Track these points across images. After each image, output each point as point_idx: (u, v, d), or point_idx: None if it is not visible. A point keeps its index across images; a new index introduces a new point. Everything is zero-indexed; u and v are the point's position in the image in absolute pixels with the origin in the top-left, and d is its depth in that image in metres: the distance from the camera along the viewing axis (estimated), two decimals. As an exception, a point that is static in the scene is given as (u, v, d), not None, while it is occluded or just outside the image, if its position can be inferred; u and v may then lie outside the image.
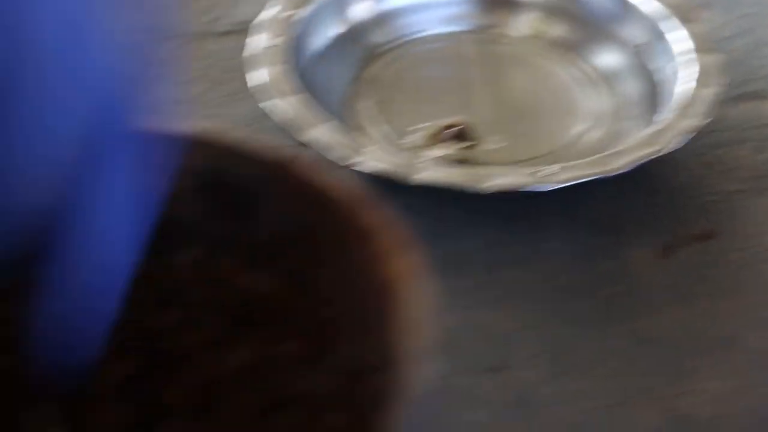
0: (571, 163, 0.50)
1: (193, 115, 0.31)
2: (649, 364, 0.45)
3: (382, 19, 0.64)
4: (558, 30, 0.64)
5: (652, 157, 0.50)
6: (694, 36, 0.58)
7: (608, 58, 0.62)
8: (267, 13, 0.59)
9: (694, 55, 0.56)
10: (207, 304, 0.33)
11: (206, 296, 0.33)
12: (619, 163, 0.50)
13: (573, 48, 0.63)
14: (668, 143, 0.51)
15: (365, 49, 0.63)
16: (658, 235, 0.52)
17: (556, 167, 0.50)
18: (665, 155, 0.52)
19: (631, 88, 0.59)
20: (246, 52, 0.57)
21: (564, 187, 0.50)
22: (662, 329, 0.47)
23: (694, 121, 0.52)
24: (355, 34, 0.63)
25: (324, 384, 0.30)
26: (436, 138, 0.55)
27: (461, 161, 0.53)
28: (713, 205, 0.53)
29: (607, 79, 0.61)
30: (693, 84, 0.55)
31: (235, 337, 0.32)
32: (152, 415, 0.31)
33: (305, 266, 0.31)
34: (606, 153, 0.51)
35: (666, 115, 0.54)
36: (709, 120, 0.53)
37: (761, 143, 0.57)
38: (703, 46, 0.57)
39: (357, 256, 0.28)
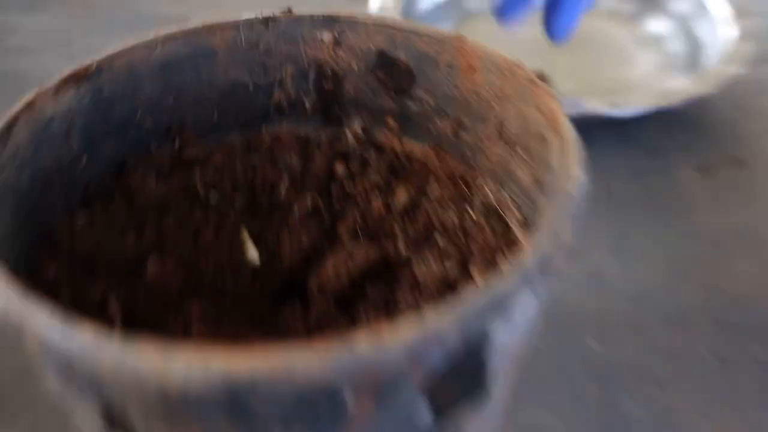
0: (635, 97, 0.50)
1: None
2: (695, 253, 0.46)
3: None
4: (617, 3, 0.64)
5: (700, 94, 0.50)
6: (733, 4, 0.57)
7: (659, 25, 0.61)
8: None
9: (732, 21, 0.56)
10: (371, 161, 0.33)
11: (370, 155, 0.33)
12: (673, 99, 0.50)
13: (629, 18, 0.63)
14: (712, 86, 0.51)
15: (462, 12, 0.63)
16: (700, 160, 0.52)
17: (623, 99, 0.50)
18: (705, 98, 0.52)
19: (678, 48, 0.59)
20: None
21: (620, 119, 0.50)
22: (704, 228, 0.47)
23: (731, 73, 0.52)
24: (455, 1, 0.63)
25: (472, 216, 0.30)
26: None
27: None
28: (744, 139, 0.53)
29: (658, 41, 0.60)
30: (731, 44, 0.54)
31: (394, 184, 0.32)
32: (327, 242, 0.32)
33: (456, 128, 0.32)
34: (662, 90, 0.51)
35: (709, 67, 0.54)
36: (743, 72, 0.52)
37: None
38: (741, 13, 0.56)
39: (520, 106, 0.29)
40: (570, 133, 0.26)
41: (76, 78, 0.29)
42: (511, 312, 0.22)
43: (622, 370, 0.39)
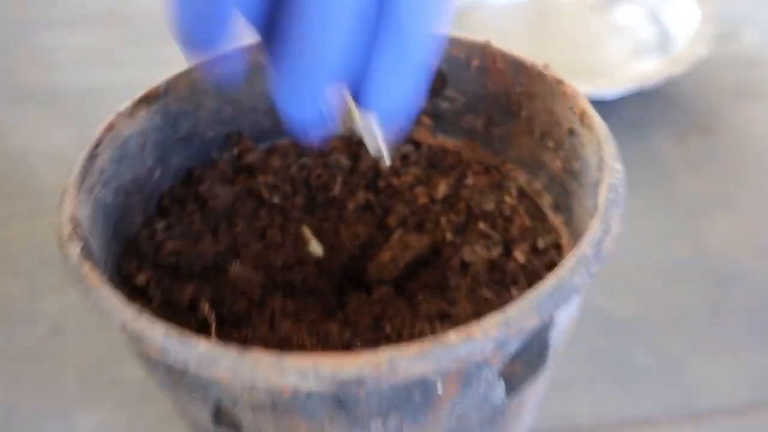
0: (616, 79, 0.49)
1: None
2: (678, 212, 0.45)
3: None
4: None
5: (673, 75, 0.49)
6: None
7: (629, 14, 0.60)
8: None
9: (696, 6, 0.54)
10: (411, 156, 0.32)
11: (410, 151, 0.32)
12: (651, 80, 0.49)
13: (602, 8, 0.61)
14: (683, 67, 0.50)
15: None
16: (675, 130, 0.51)
17: (606, 81, 0.48)
18: (675, 77, 0.50)
19: (648, 33, 0.57)
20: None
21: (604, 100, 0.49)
22: (684, 190, 0.46)
23: (699, 53, 0.51)
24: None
25: (507, 202, 0.29)
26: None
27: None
28: (710, 109, 0.52)
29: (631, 28, 0.59)
30: (696, 27, 0.53)
31: (433, 177, 0.31)
32: (380, 233, 0.31)
33: (487, 124, 0.31)
34: (639, 73, 0.50)
35: (678, 49, 0.52)
36: (709, 52, 0.51)
37: (739, 71, 0.56)
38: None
39: (548, 103, 0.27)
40: (602, 128, 0.25)
41: (148, 99, 0.28)
42: (572, 296, 0.21)
43: (628, 322, 0.38)
